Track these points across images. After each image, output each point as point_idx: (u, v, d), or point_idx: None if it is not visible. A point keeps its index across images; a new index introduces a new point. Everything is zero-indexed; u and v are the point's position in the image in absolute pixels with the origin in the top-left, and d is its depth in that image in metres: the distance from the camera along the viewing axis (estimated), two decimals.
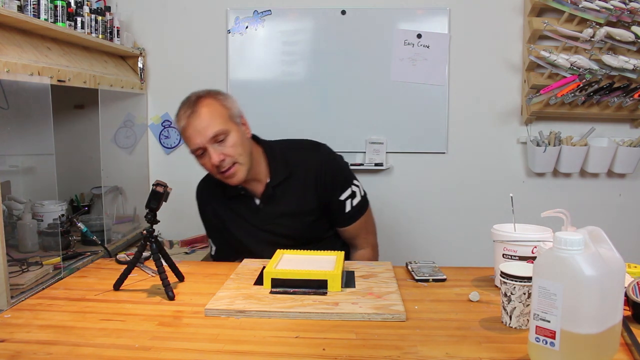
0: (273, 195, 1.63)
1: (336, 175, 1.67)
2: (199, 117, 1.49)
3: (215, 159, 1.49)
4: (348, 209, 1.67)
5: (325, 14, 2.47)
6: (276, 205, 1.64)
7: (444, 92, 2.49)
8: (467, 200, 2.55)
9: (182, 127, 1.53)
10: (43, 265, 1.57)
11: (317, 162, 1.65)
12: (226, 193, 1.66)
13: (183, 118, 1.52)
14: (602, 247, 0.90)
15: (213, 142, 1.49)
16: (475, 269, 1.47)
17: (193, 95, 1.55)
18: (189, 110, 1.51)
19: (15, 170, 2.10)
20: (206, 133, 1.48)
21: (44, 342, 1.02)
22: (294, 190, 1.63)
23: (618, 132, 2.49)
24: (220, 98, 1.56)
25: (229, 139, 1.51)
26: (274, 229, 1.65)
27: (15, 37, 1.58)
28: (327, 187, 1.64)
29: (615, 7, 2.21)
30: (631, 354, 0.96)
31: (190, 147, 1.53)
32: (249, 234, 1.67)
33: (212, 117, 1.50)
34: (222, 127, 1.50)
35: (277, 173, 1.62)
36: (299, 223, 1.65)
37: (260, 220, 1.65)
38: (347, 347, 0.99)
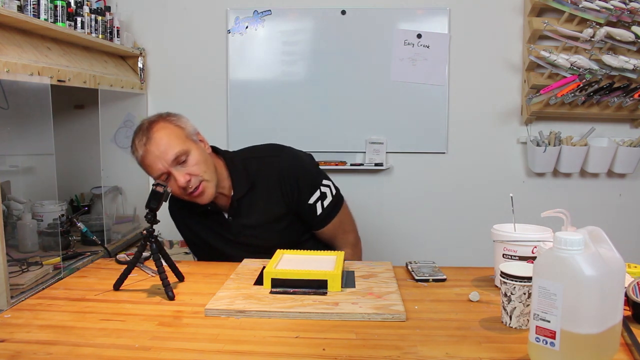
0: (239, 208, 1.59)
1: (300, 179, 1.60)
2: (156, 142, 1.45)
3: (182, 180, 1.44)
4: (319, 212, 1.61)
5: (325, 14, 2.47)
6: (245, 218, 1.60)
7: (444, 92, 2.49)
8: (467, 200, 2.55)
9: (140, 156, 1.48)
10: (43, 265, 1.57)
11: (278, 168, 1.60)
12: (195, 210, 1.61)
13: (140, 147, 1.47)
14: (602, 247, 0.90)
15: (175, 164, 1.45)
16: (475, 269, 1.47)
17: (145, 122, 1.52)
18: (144, 137, 1.47)
19: (15, 170, 2.10)
20: (167, 157, 1.44)
21: (44, 342, 1.02)
22: (259, 201, 1.59)
23: (618, 132, 2.49)
24: (173, 119, 1.53)
25: (191, 158, 1.47)
26: (248, 241, 1.62)
27: (15, 37, 1.58)
28: (293, 193, 1.59)
29: (615, 7, 2.21)
30: (631, 354, 0.96)
31: (153, 175, 1.48)
32: (224, 246, 1.64)
33: (170, 139, 1.46)
34: (182, 148, 1.46)
35: (240, 185, 1.58)
36: (271, 232, 1.61)
37: (233, 233, 1.62)
38: (347, 347, 0.99)
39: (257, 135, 2.47)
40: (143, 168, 1.52)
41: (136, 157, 1.50)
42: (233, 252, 1.62)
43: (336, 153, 2.53)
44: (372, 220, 2.55)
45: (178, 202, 1.64)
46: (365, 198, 2.56)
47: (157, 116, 1.53)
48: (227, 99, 2.51)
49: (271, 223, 1.61)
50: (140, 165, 1.52)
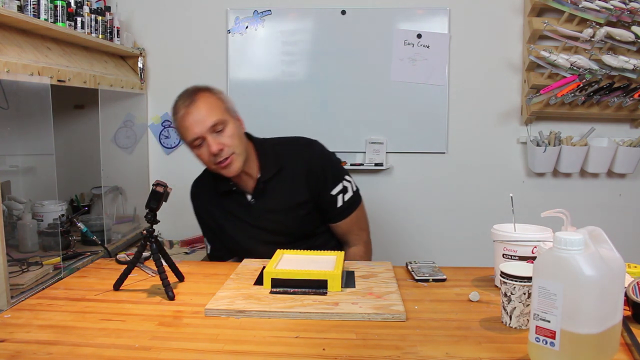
0: (264, 191, 1.63)
1: (326, 169, 1.67)
2: (198, 107, 1.52)
3: (214, 147, 1.50)
4: (340, 204, 1.67)
5: (325, 14, 2.47)
6: (267, 201, 1.64)
7: (444, 92, 2.49)
8: (467, 200, 2.55)
9: (180, 116, 1.54)
10: (43, 265, 1.57)
11: (308, 156, 1.67)
12: (218, 189, 1.66)
13: (182, 108, 1.54)
14: (602, 247, 0.90)
15: (212, 131, 1.51)
16: (475, 269, 1.47)
17: (191, 88, 1.58)
18: (187, 100, 1.54)
19: (15, 170, 2.10)
20: (205, 122, 1.51)
21: (44, 342, 1.02)
22: (284, 185, 1.64)
23: (618, 132, 2.49)
24: (217, 92, 1.60)
25: (227, 130, 1.53)
26: (266, 225, 1.65)
27: (15, 37, 1.58)
28: (318, 181, 1.65)
29: (615, 7, 2.21)
30: (631, 354, 0.96)
31: (188, 138, 1.54)
32: (242, 231, 1.67)
33: (211, 107, 1.53)
34: (221, 117, 1.53)
35: (268, 168, 1.64)
36: (290, 218, 1.65)
37: (252, 216, 1.65)
38: (347, 347, 0.99)
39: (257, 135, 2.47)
40: (179, 130, 1.58)
41: (175, 117, 1.57)
42: (246, 238, 1.66)
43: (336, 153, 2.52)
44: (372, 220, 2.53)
45: (203, 188, 1.72)
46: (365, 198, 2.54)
47: (203, 86, 1.60)
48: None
49: (293, 208, 1.64)
50: (176, 127, 1.59)
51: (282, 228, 1.65)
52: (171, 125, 2.55)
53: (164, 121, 2.55)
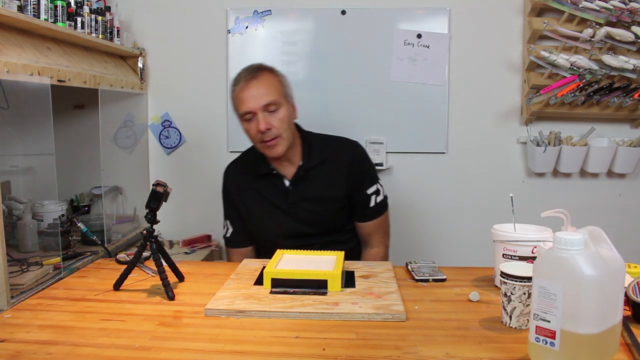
0: (304, 178, 1.70)
1: (367, 168, 1.77)
2: (258, 84, 1.60)
3: (263, 125, 1.57)
4: (372, 204, 1.74)
5: (325, 14, 2.47)
6: (305, 188, 1.70)
7: (444, 92, 2.48)
8: (467, 200, 2.54)
9: (239, 88, 1.61)
10: (43, 265, 1.57)
11: (352, 153, 1.76)
12: (257, 170, 1.72)
13: (242, 80, 1.61)
14: (602, 247, 0.91)
15: (264, 110, 1.59)
16: (475, 269, 1.47)
17: (256, 64, 1.67)
18: (250, 75, 1.61)
19: (15, 170, 2.10)
20: (261, 100, 1.58)
21: (44, 342, 1.02)
22: (325, 176, 1.70)
23: (618, 132, 2.49)
24: (279, 76, 1.68)
25: (279, 112, 1.61)
26: (299, 213, 1.69)
27: (15, 37, 1.58)
28: (357, 178, 1.72)
29: (615, 7, 2.21)
30: (631, 354, 0.96)
31: (240, 110, 1.62)
32: (272, 216, 1.71)
33: (270, 87, 1.61)
34: (276, 99, 1.60)
35: (312, 157, 1.70)
36: (324, 209, 1.70)
37: (287, 202, 1.70)
38: (347, 347, 0.99)
39: None
40: (234, 101, 1.65)
41: (234, 88, 1.64)
42: (278, 223, 1.71)
43: None
44: None
45: (236, 167, 1.81)
46: None
47: (268, 65, 1.69)
48: (227, 99, 2.51)
49: (329, 200, 1.71)
50: (232, 97, 1.66)
51: (315, 218, 1.70)
52: (171, 125, 2.55)
53: (164, 121, 2.55)
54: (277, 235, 1.70)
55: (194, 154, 2.57)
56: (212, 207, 2.54)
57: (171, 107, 2.55)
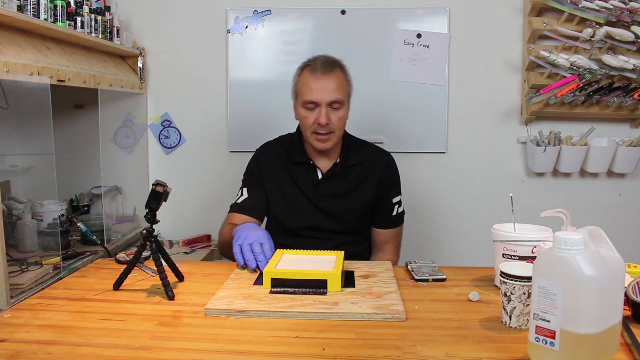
0: (338, 175, 1.74)
1: (397, 179, 1.82)
2: (332, 78, 1.64)
3: (323, 119, 1.62)
4: (394, 213, 1.80)
5: (325, 14, 2.47)
6: (337, 184, 1.74)
7: (444, 92, 2.48)
8: (467, 200, 2.55)
9: (313, 77, 1.64)
10: (43, 265, 1.57)
11: (388, 161, 1.81)
12: (293, 158, 1.76)
13: (318, 69, 1.65)
14: (602, 247, 0.90)
15: (329, 105, 1.64)
16: (475, 269, 1.47)
17: (332, 58, 1.71)
18: (328, 68, 1.65)
19: (15, 170, 2.10)
20: (330, 95, 1.63)
21: (44, 342, 1.02)
22: (358, 177, 1.76)
23: (618, 132, 2.49)
24: (349, 76, 1.73)
25: (340, 111, 1.66)
26: (326, 207, 1.73)
27: (15, 37, 1.58)
28: (387, 186, 1.78)
29: (615, 7, 2.21)
30: (631, 354, 0.96)
31: (306, 97, 1.65)
32: (298, 204, 1.74)
33: (341, 86, 1.66)
34: (343, 98, 1.66)
35: (350, 157, 1.76)
36: (350, 208, 1.74)
37: (316, 194, 1.74)
38: (347, 347, 0.99)
39: (257, 135, 2.47)
40: (301, 84, 1.69)
41: (307, 73, 1.67)
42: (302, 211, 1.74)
43: None
44: None
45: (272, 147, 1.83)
46: None
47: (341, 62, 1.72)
48: (227, 99, 2.51)
49: (357, 200, 1.75)
50: (299, 81, 1.71)
51: (340, 215, 1.74)
52: (171, 125, 2.55)
53: (164, 121, 2.55)
54: (299, 224, 1.74)
55: (194, 154, 2.57)
56: (212, 207, 2.55)
57: (171, 107, 2.55)
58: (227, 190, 1.94)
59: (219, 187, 2.52)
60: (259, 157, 1.83)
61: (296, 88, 1.72)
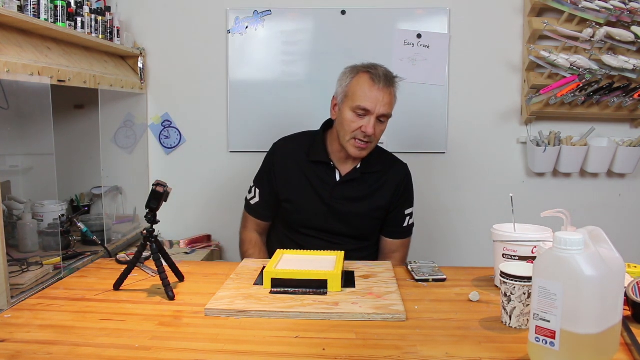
0: (356, 179, 1.76)
1: (411, 190, 1.86)
2: (388, 93, 1.67)
3: (370, 130, 1.64)
4: (405, 224, 1.83)
5: (325, 14, 2.47)
6: (353, 188, 1.76)
7: (444, 92, 2.48)
8: (467, 200, 2.54)
9: (374, 86, 1.64)
10: (43, 265, 1.57)
11: (405, 172, 1.85)
12: (312, 156, 1.77)
13: (382, 80, 1.65)
14: (602, 247, 0.91)
15: (377, 116, 1.66)
16: (475, 269, 1.47)
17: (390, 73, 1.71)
18: (388, 81, 1.67)
19: (15, 170, 2.10)
20: (382, 108, 1.65)
21: (44, 342, 1.02)
22: (374, 184, 1.77)
23: (618, 132, 2.49)
24: (397, 93, 1.74)
25: (384, 125, 1.71)
26: (338, 208, 1.75)
27: (15, 37, 1.58)
28: (401, 196, 1.81)
29: (615, 7, 2.21)
30: (631, 354, 0.96)
31: (358, 101, 1.65)
32: (311, 203, 1.75)
33: (392, 101, 1.70)
34: (390, 113, 1.70)
35: (369, 164, 1.77)
36: (362, 213, 1.76)
37: (331, 194, 1.75)
38: (347, 347, 0.99)
39: (257, 135, 2.47)
40: (357, 88, 1.67)
41: (366, 79, 1.66)
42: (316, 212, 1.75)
43: None
44: None
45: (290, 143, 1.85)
46: None
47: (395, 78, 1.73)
48: (227, 99, 2.51)
49: (370, 206, 1.77)
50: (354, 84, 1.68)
51: (351, 219, 1.75)
52: (171, 125, 2.55)
53: (164, 121, 2.55)
54: (309, 223, 1.76)
55: (194, 154, 2.57)
56: (212, 207, 2.55)
57: (171, 107, 2.55)
58: (227, 190, 1.94)
59: (219, 187, 2.52)
60: (275, 152, 1.84)
61: (348, 89, 1.69)
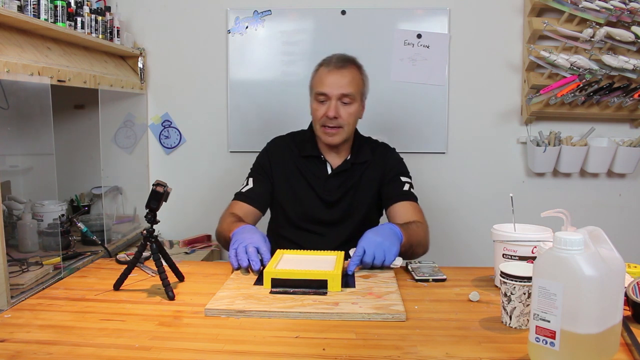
0: (347, 171, 1.77)
1: (398, 163, 1.83)
2: (345, 73, 1.67)
3: (332, 112, 1.65)
4: (405, 188, 1.76)
5: (325, 14, 2.47)
6: (346, 179, 1.76)
7: (444, 92, 2.49)
8: (467, 200, 2.55)
9: (326, 70, 1.68)
10: (43, 265, 1.57)
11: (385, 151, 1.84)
12: (303, 151, 1.78)
13: (330, 64, 1.69)
14: (602, 247, 0.90)
15: (339, 99, 1.66)
16: (475, 269, 1.47)
17: (349, 56, 1.74)
18: (340, 63, 1.69)
19: (15, 170, 2.10)
20: (341, 88, 1.66)
21: (44, 342, 1.02)
22: (365, 173, 1.77)
23: (618, 132, 2.49)
24: (364, 73, 1.75)
25: (351, 106, 1.69)
26: (332, 200, 1.75)
27: (15, 37, 1.58)
28: (391, 169, 1.78)
29: (615, 7, 2.21)
30: (631, 354, 0.96)
31: (317, 89, 1.69)
32: (306, 196, 1.76)
33: (353, 80, 1.68)
34: (353, 93, 1.68)
35: (360, 154, 1.78)
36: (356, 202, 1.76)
37: (324, 188, 1.76)
38: (347, 347, 0.99)
39: (257, 135, 2.47)
40: (314, 79, 1.74)
41: (322, 67, 1.71)
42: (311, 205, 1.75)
43: None
44: None
45: (282, 141, 1.85)
46: None
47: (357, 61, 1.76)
48: (227, 99, 2.51)
49: (363, 194, 1.77)
50: (315, 75, 1.74)
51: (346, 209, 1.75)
52: (171, 125, 2.55)
53: (164, 121, 2.55)
54: (305, 217, 1.76)
55: (194, 154, 2.57)
56: (212, 207, 2.54)
57: (171, 107, 2.55)
58: (227, 190, 1.94)
59: (219, 187, 2.52)
60: (270, 149, 1.85)
61: (311, 83, 1.76)
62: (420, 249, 1.62)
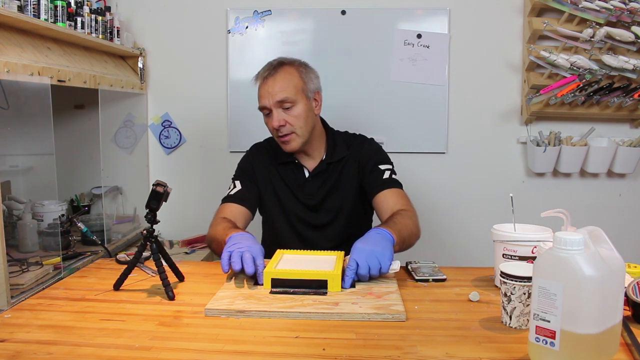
0: (325, 171, 1.72)
1: (375, 151, 1.75)
2: (274, 81, 1.61)
3: (275, 122, 1.60)
4: (385, 176, 1.69)
5: (325, 14, 2.47)
6: (325, 180, 1.72)
7: (444, 92, 2.49)
8: (467, 200, 2.55)
9: (258, 85, 1.65)
10: (43, 265, 1.57)
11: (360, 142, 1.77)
12: (278, 159, 1.74)
13: (260, 77, 1.64)
14: (602, 247, 0.90)
15: (278, 106, 1.60)
16: (475, 269, 1.47)
17: (278, 59, 1.67)
18: (267, 72, 1.63)
19: (15, 170, 2.10)
20: (275, 97, 1.60)
21: (44, 342, 1.02)
22: (343, 170, 1.72)
23: (618, 132, 2.49)
24: (302, 70, 1.67)
25: (294, 109, 1.61)
26: (314, 204, 1.72)
27: (15, 37, 1.58)
28: (369, 160, 1.71)
29: (615, 7, 2.21)
30: (631, 354, 0.96)
31: (259, 104, 1.65)
32: (288, 201, 1.73)
33: (286, 84, 1.61)
34: (291, 96, 1.60)
35: (335, 153, 1.73)
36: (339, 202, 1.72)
37: (305, 193, 1.73)
38: (347, 347, 0.99)
39: (257, 135, 2.46)
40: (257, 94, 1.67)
41: (255, 83, 1.67)
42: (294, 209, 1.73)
43: None
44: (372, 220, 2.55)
45: (263, 147, 1.82)
46: None
47: (292, 60, 1.69)
48: (227, 99, 2.51)
49: (345, 191, 1.72)
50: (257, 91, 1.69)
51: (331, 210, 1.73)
52: (171, 125, 2.55)
53: (164, 121, 2.55)
54: (291, 222, 1.73)
55: (194, 154, 2.57)
56: (213, 208, 2.54)
57: (171, 107, 2.55)
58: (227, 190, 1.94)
59: (219, 187, 2.51)
60: (250, 156, 1.81)
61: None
62: (413, 238, 1.55)
